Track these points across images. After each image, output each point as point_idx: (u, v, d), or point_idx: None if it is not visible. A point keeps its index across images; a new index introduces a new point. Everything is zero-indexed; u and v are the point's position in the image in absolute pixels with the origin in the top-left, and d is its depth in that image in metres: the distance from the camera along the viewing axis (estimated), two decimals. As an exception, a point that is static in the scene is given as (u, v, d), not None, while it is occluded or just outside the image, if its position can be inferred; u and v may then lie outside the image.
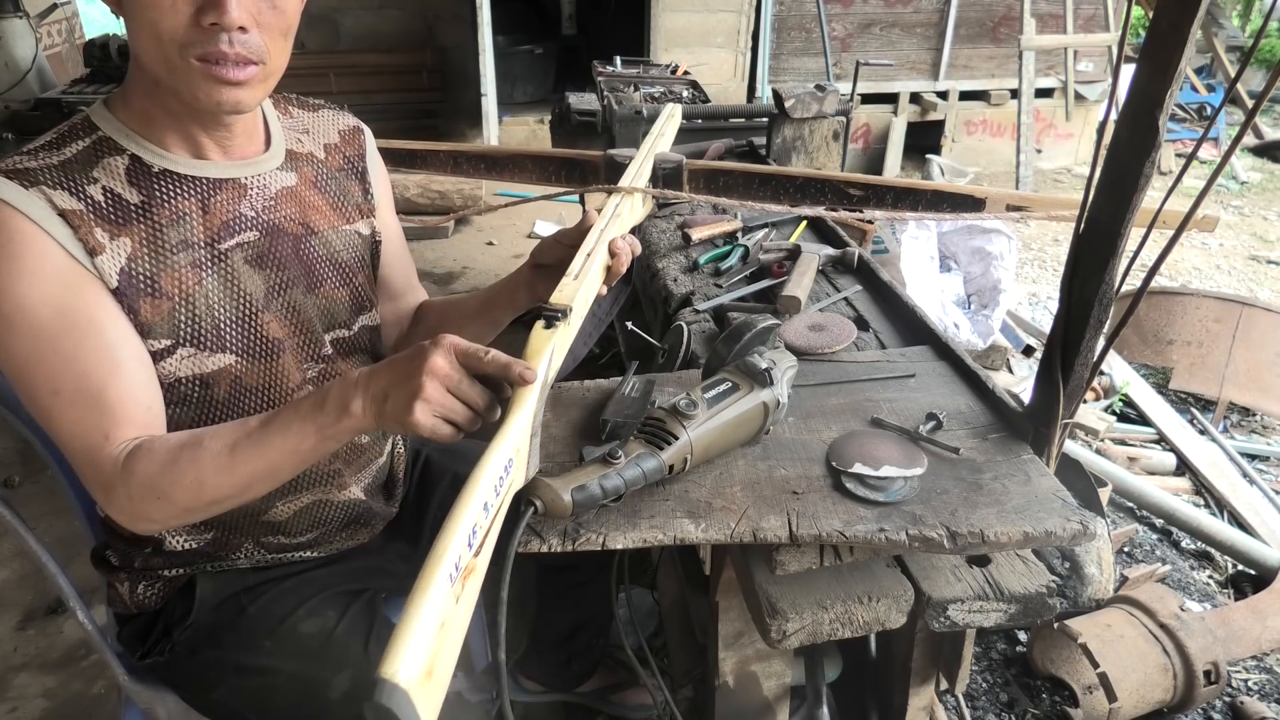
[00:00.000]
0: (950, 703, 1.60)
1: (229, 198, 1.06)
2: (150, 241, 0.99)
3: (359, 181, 1.25)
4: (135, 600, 1.16)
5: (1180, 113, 6.88)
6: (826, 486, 0.99)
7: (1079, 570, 1.83)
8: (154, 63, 0.95)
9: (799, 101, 2.27)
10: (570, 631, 1.68)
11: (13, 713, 1.84)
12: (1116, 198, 0.92)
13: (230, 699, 1.15)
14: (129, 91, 1.02)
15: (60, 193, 0.94)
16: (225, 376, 1.05)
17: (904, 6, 5.68)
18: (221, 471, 0.92)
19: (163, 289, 0.99)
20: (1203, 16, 0.81)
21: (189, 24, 0.91)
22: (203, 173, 1.04)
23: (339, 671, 1.13)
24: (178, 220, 1.02)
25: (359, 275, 1.21)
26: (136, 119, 1.01)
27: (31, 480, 2.51)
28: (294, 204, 1.13)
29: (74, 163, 0.97)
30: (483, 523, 0.79)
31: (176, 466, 0.92)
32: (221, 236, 1.05)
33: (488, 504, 0.81)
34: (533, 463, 0.90)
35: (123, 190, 0.99)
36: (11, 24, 3.15)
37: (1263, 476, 2.61)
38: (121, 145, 1.00)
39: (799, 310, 1.44)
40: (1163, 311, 2.95)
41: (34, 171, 0.94)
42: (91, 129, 1.00)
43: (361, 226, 1.23)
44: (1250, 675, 1.91)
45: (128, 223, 0.98)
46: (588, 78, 3.04)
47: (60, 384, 0.93)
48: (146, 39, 0.93)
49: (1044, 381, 1.04)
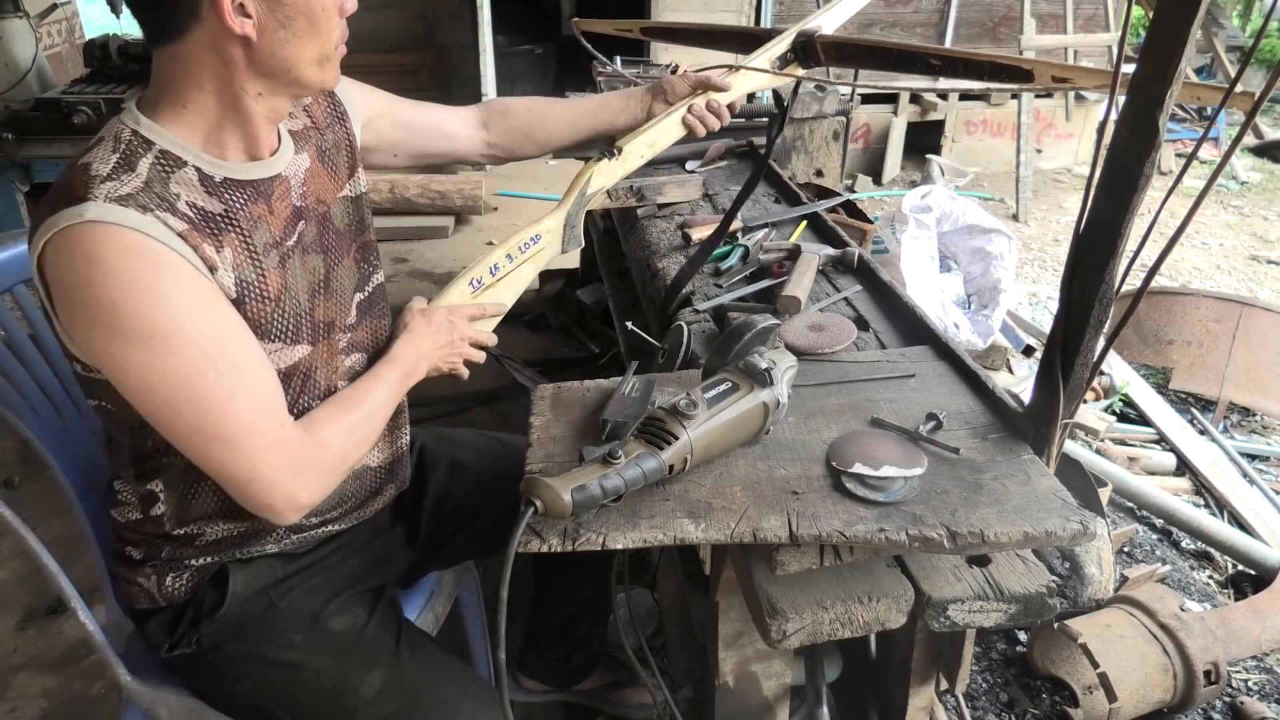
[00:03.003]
0: (950, 703, 1.60)
1: (282, 193, 1.09)
2: (244, 248, 1.02)
3: (343, 129, 1.24)
4: (164, 593, 1.14)
5: (1180, 113, 6.88)
6: (826, 486, 0.99)
7: (1079, 570, 1.83)
8: (311, 72, 1.01)
9: (799, 101, 2.27)
10: (569, 620, 1.68)
11: (13, 713, 1.84)
12: (1116, 198, 0.92)
13: (255, 693, 1.15)
14: (188, 112, 0.99)
15: (167, 214, 0.94)
16: (300, 367, 1.10)
17: (904, 6, 5.68)
18: (373, 428, 1.14)
19: (264, 292, 1.04)
20: (1203, 16, 0.81)
21: (339, 22, 1.02)
22: (257, 174, 1.06)
23: (370, 669, 1.14)
24: (258, 223, 1.04)
25: (363, 235, 1.25)
26: (194, 132, 1.00)
27: (31, 480, 2.51)
28: (313, 184, 1.15)
29: (155, 181, 0.95)
30: (505, 265, 1.34)
31: (353, 430, 1.10)
32: (287, 233, 1.09)
33: (510, 255, 1.34)
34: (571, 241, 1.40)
35: (204, 202, 0.99)
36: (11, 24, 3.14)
37: (1263, 476, 2.61)
38: (182, 158, 0.99)
39: (799, 310, 1.44)
40: (1163, 311, 2.95)
41: (136, 196, 0.92)
42: (147, 144, 0.98)
43: (355, 183, 1.24)
44: (1250, 675, 1.91)
45: (223, 232, 1.00)
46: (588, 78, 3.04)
47: (233, 386, 0.96)
48: (316, 47, 1.00)
49: (1044, 381, 1.04)
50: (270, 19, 0.95)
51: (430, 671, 1.18)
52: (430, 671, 1.18)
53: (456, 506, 1.41)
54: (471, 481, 1.43)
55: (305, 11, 0.96)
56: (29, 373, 1.30)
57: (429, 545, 1.41)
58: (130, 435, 1.07)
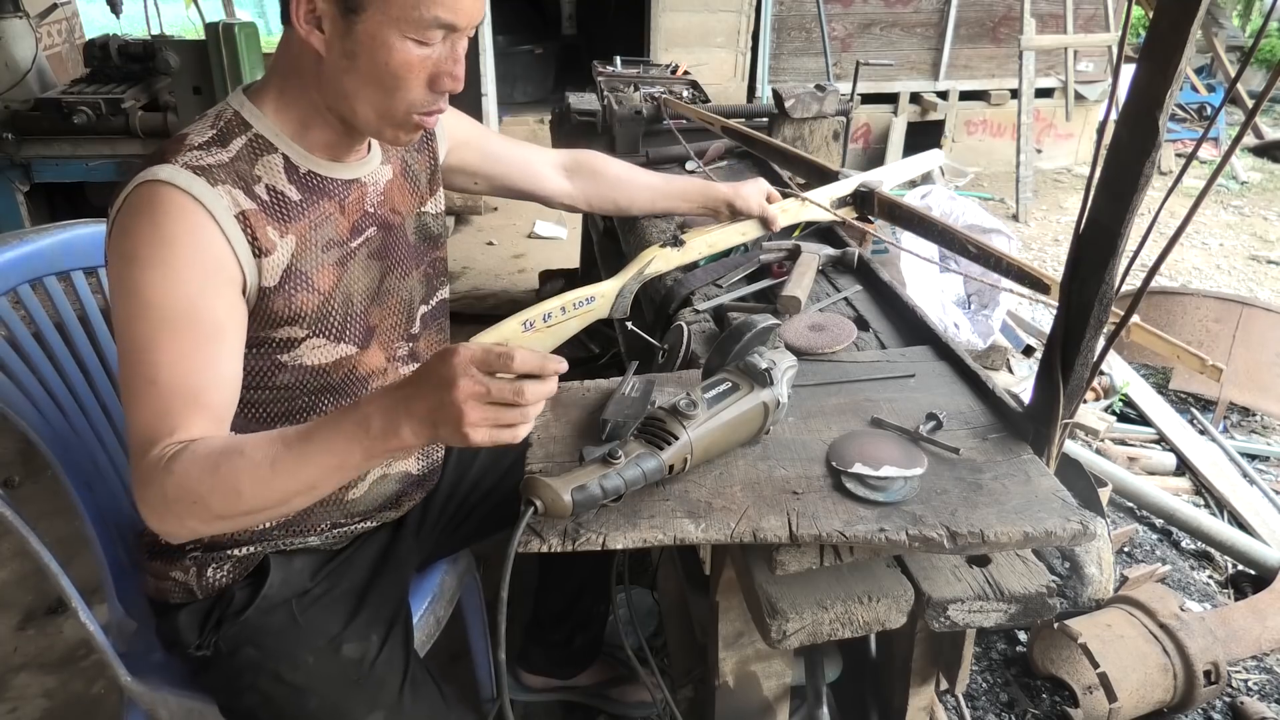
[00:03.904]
0: (950, 703, 1.60)
1: (357, 197, 1.13)
2: (309, 238, 1.06)
3: (428, 153, 1.29)
4: (203, 585, 1.14)
5: (1180, 113, 6.88)
6: (826, 486, 0.99)
7: (1079, 570, 1.83)
8: (369, 117, 1.02)
9: (799, 101, 2.27)
10: (571, 598, 1.68)
11: (13, 713, 1.84)
12: (1116, 198, 0.92)
13: (258, 708, 1.15)
14: (286, 99, 1.05)
15: (239, 192, 0.99)
16: (343, 365, 1.13)
17: (904, 6, 5.67)
18: (260, 483, 0.91)
19: (316, 284, 1.07)
20: (1203, 16, 0.81)
21: (424, 90, 1.01)
22: (338, 174, 1.11)
23: (372, 710, 1.14)
24: (325, 219, 1.09)
25: (435, 251, 1.29)
26: (289, 124, 1.06)
27: (32, 480, 2.51)
28: (392, 195, 1.20)
29: (240, 160, 1.01)
30: (558, 316, 1.45)
31: (216, 474, 0.90)
32: (353, 235, 1.13)
33: (565, 308, 1.46)
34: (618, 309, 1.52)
35: (285, 188, 1.04)
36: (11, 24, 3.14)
37: (1263, 476, 2.61)
38: (273, 144, 1.05)
39: (799, 310, 1.44)
40: (1163, 311, 2.95)
41: (214, 169, 0.98)
42: (245, 125, 1.04)
43: (431, 205, 1.29)
44: (1250, 675, 1.91)
45: (292, 219, 1.04)
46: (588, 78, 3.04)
47: (159, 375, 0.95)
48: (378, 99, 1.00)
49: (1044, 381, 1.04)
50: (338, 45, 0.97)
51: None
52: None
53: (469, 490, 1.45)
54: (482, 463, 1.46)
55: (370, 58, 0.97)
56: (32, 372, 1.30)
57: (445, 530, 1.44)
58: None
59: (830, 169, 1.87)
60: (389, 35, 0.96)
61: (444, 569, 1.48)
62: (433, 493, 1.41)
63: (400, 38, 0.96)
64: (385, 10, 0.94)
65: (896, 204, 1.70)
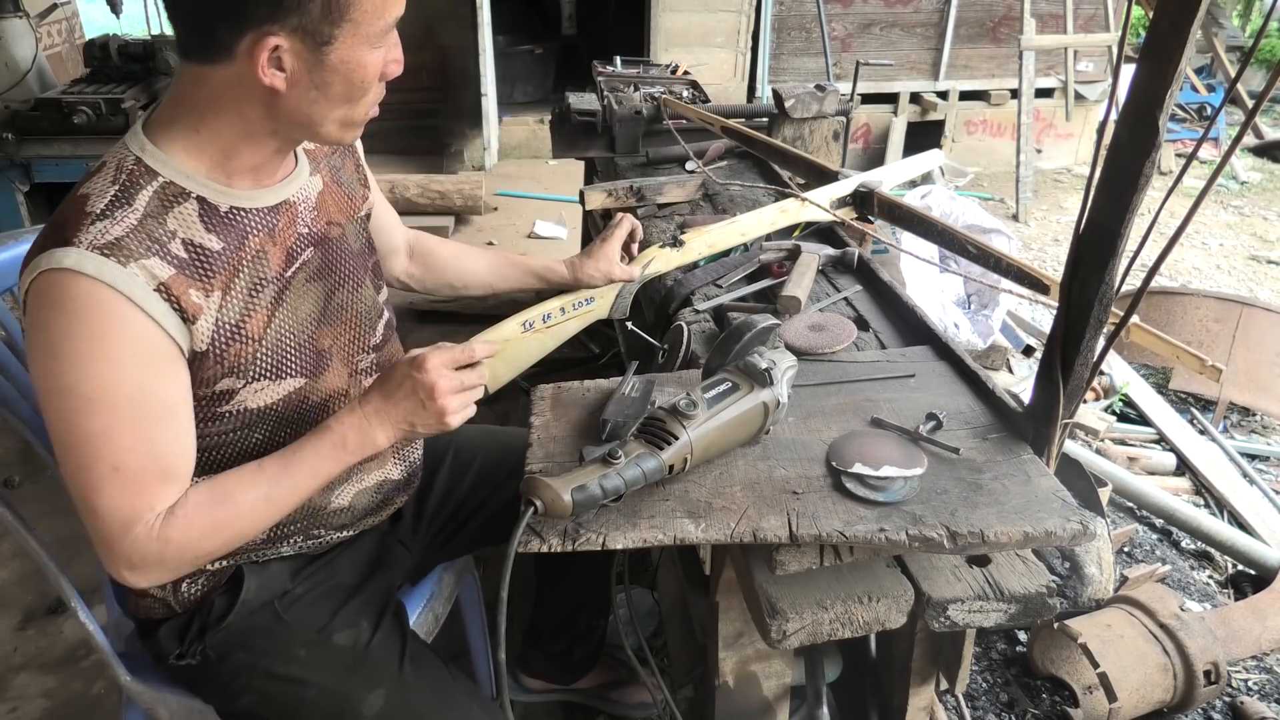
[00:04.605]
0: (950, 703, 1.60)
1: (287, 221, 1.07)
2: (235, 288, 1.00)
3: (351, 156, 1.25)
4: (179, 599, 1.14)
5: (1180, 113, 6.88)
6: (826, 486, 0.99)
7: (1079, 570, 1.83)
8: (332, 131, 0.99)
9: (799, 101, 2.27)
10: (571, 611, 1.68)
11: (13, 713, 1.84)
12: (1116, 198, 0.92)
13: (257, 706, 1.15)
14: (202, 136, 0.97)
15: (155, 260, 0.91)
16: (293, 399, 1.08)
17: (904, 6, 5.67)
18: (260, 519, 1.01)
19: (247, 333, 1.01)
20: (1203, 16, 0.81)
21: (379, 86, 0.99)
22: (262, 202, 1.04)
23: (373, 689, 1.14)
24: (254, 259, 1.02)
25: (373, 257, 1.25)
26: (205, 161, 0.98)
27: (31, 480, 2.51)
28: (326, 207, 1.14)
29: (151, 218, 0.93)
30: (558, 316, 1.48)
31: (218, 530, 0.98)
32: (287, 264, 1.07)
33: (564, 309, 1.48)
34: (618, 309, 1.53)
35: (202, 239, 0.97)
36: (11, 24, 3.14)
37: (1263, 476, 2.61)
38: (185, 189, 0.97)
39: (799, 310, 1.44)
40: (1163, 311, 2.95)
41: (124, 241, 0.90)
42: (150, 174, 0.95)
43: (365, 207, 1.25)
44: (1250, 675, 1.91)
45: (215, 274, 0.97)
46: (588, 78, 3.04)
47: (125, 461, 0.93)
48: (344, 111, 0.97)
49: (1044, 381, 1.04)
50: (305, 79, 0.93)
51: (433, 693, 1.18)
52: (433, 693, 1.18)
53: (462, 500, 1.42)
54: (475, 474, 1.43)
55: (345, 80, 0.94)
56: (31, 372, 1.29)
57: (435, 540, 1.42)
58: None
59: (830, 169, 1.87)
60: (360, 53, 0.93)
61: (442, 567, 1.48)
62: (424, 501, 1.40)
63: (370, 50, 0.94)
64: (355, 33, 0.92)
65: (896, 204, 1.70)
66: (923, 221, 1.61)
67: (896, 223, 1.74)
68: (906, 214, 1.67)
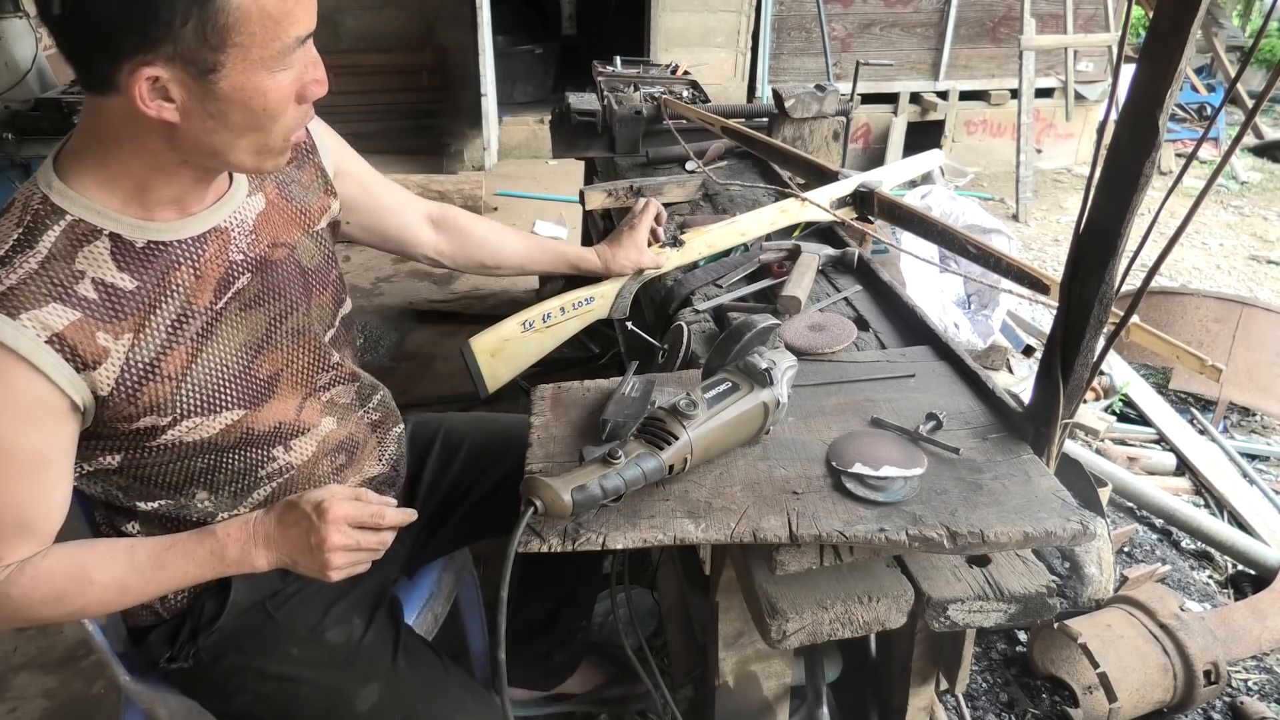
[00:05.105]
0: (950, 703, 1.60)
1: (216, 250, 1.01)
2: (150, 327, 0.95)
3: (311, 164, 1.18)
4: (167, 606, 1.14)
5: (1180, 113, 6.88)
6: (826, 486, 0.99)
7: (1079, 570, 1.83)
8: (244, 160, 0.93)
9: (799, 101, 2.27)
10: (550, 613, 1.64)
11: (13, 713, 1.84)
12: (1116, 198, 0.92)
13: (252, 706, 1.15)
14: (111, 169, 0.92)
15: (52, 306, 0.87)
16: (233, 431, 1.05)
17: (904, 6, 5.67)
18: (107, 604, 1.02)
19: (164, 372, 0.96)
20: (1203, 16, 0.81)
21: (295, 110, 0.93)
22: (186, 232, 0.98)
23: (366, 684, 1.14)
24: (173, 294, 0.97)
25: (334, 270, 1.21)
26: (118, 194, 0.93)
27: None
28: (270, 226, 1.09)
29: (54, 259, 0.88)
30: (558, 316, 1.48)
31: (61, 602, 0.97)
32: (218, 295, 1.01)
33: (564, 309, 1.49)
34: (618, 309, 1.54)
35: (114, 279, 0.92)
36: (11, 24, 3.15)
37: (1263, 476, 2.61)
38: (97, 226, 0.91)
39: (799, 310, 1.44)
40: (1163, 311, 2.95)
41: (18, 291, 0.86)
42: (58, 213, 0.90)
43: (326, 217, 1.20)
44: (1250, 675, 1.91)
45: (127, 315, 0.93)
46: (588, 78, 3.04)
47: None
48: (254, 139, 0.91)
49: (1044, 381, 1.04)
50: (198, 109, 0.86)
51: (427, 685, 1.18)
52: (427, 685, 1.18)
53: (451, 486, 1.41)
54: (463, 459, 1.42)
55: (243, 108, 0.88)
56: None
57: (426, 530, 1.40)
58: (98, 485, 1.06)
59: (830, 169, 1.87)
60: (256, 79, 0.87)
61: (441, 566, 1.48)
62: (413, 491, 1.39)
63: (269, 74, 0.87)
64: (245, 58, 0.85)
65: (896, 204, 1.70)
66: (923, 221, 1.62)
67: (896, 223, 1.74)
68: (906, 214, 1.67)
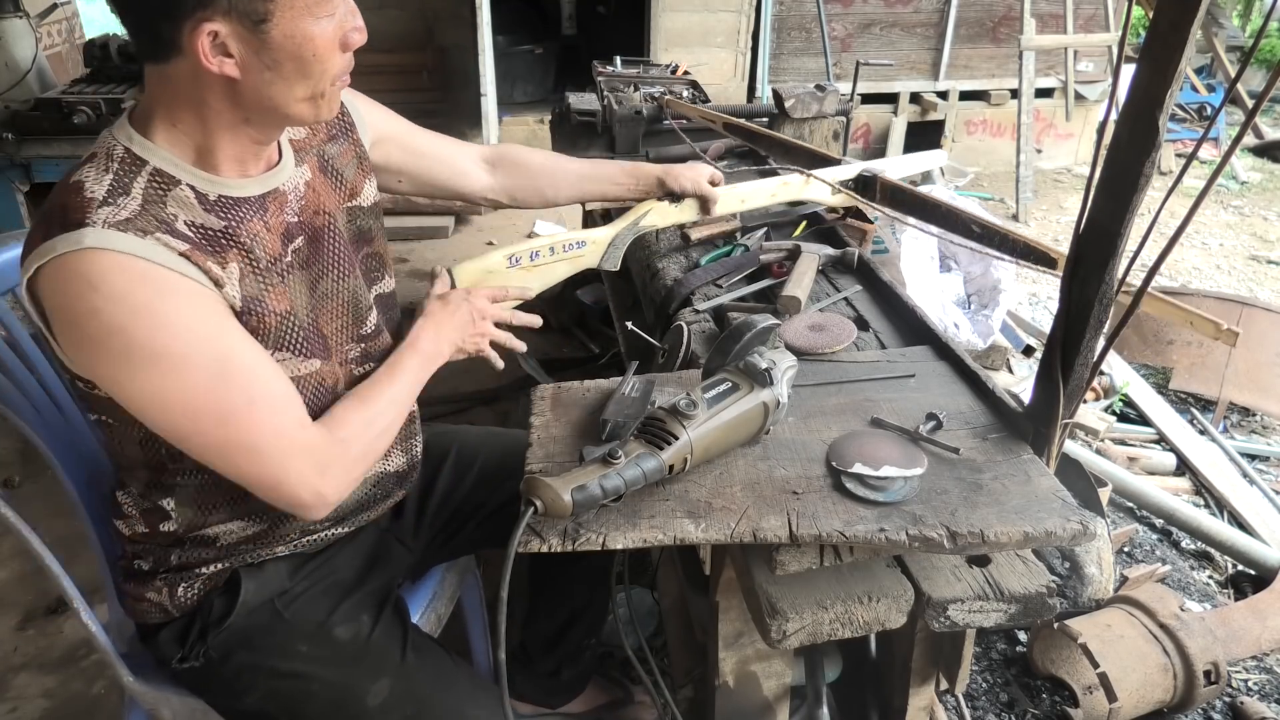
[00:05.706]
0: (950, 703, 1.60)
1: (277, 209, 1.07)
2: (249, 263, 1.01)
3: (349, 141, 1.23)
4: (176, 603, 1.14)
5: (1180, 113, 6.88)
6: (826, 486, 0.99)
7: (1079, 570, 1.83)
8: (302, 110, 0.98)
9: (799, 101, 2.28)
10: (562, 626, 1.65)
11: (13, 713, 1.84)
12: (1116, 198, 0.92)
13: (263, 704, 1.15)
14: (179, 130, 0.98)
15: (166, 235, 0.92)
16: (311, 380, 1.09)
17: (904, 6, 5.67)
18: (396, 420, 1.14)
19: (269, 306, 1.03)
20: (1203, 16, 0.81)
21: (340, 58, 0.99)
22: (251, 191, 1.04)
23: (377, 679, 1.14)
24: (256, 239, 1.02)
25: (368, 246, 1.25)
26: (188, 151, 0.99)
27: (31, 480, 2.51)
28: (315, 196, 1.14)
29: (151, 204, 0.94)
30: (546, 256, 1.44)
31: (372, 426, 1.09)
32: (285, 249, 1.07)
33: (553, 249, 1.44)
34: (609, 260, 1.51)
35: (204, 220, 0.98)
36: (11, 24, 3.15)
37: (1263, 476, 2.61)
38: (175, 176, 0.97)
39: (799, 310, 1.44)
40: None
41: (134, 220, 0.91)
42: (139, 162, 0.96)
43: (365, 194, 1.24)
44: (1250, 675, 1.91)
45: (226, 249, 0.99)
46: (588, 78, 3.04)
47: (253, 395, 0.96)
48: (307, 87, 0.97)
49: (1044, 381, 1.04)
50: (255, 61, 0.92)
51: (436, 679, 1.18)
52: (436, 679, 1.18)
53: (463, 500, 1.42)
54: (476, 474, 1.43)
55: (294, 56, 0.93)
56: (31, 372, 1.29)
57: (436, 540, 1.42)
58: (140, 448, 1.06)
59: (833, 157, 1.87)
60: (304, 25, 0.93)
61: (444, 567, 1.48)
62: (426, 501, 1.40)
63: (314, 21, 0.93)
64: (292, 5, 0.91)
65: (899, 188, 1.68)
66: (924, 205, 1.60)
67: (898, 207, 1.72)
68: (909, 198, 1.65)
